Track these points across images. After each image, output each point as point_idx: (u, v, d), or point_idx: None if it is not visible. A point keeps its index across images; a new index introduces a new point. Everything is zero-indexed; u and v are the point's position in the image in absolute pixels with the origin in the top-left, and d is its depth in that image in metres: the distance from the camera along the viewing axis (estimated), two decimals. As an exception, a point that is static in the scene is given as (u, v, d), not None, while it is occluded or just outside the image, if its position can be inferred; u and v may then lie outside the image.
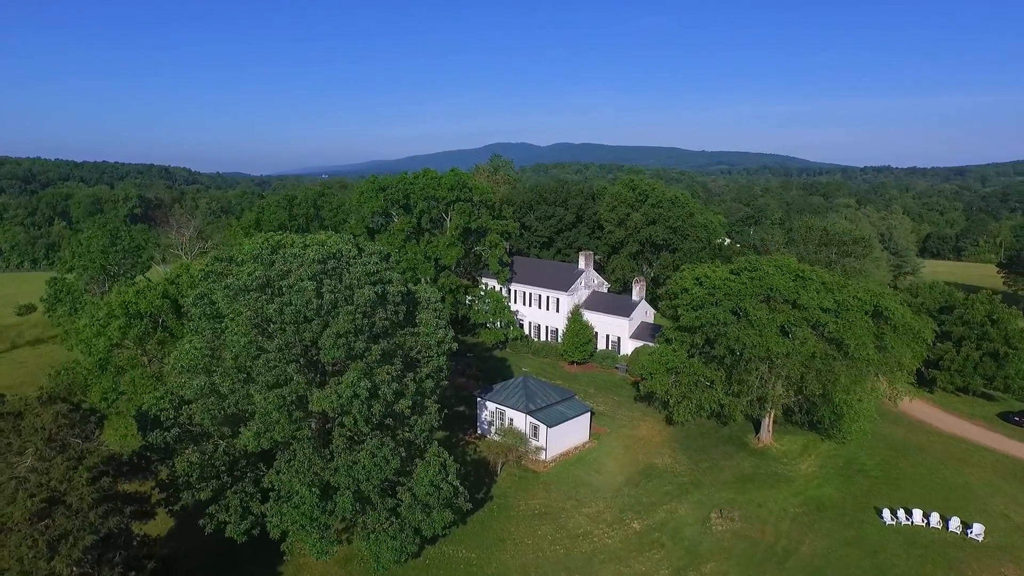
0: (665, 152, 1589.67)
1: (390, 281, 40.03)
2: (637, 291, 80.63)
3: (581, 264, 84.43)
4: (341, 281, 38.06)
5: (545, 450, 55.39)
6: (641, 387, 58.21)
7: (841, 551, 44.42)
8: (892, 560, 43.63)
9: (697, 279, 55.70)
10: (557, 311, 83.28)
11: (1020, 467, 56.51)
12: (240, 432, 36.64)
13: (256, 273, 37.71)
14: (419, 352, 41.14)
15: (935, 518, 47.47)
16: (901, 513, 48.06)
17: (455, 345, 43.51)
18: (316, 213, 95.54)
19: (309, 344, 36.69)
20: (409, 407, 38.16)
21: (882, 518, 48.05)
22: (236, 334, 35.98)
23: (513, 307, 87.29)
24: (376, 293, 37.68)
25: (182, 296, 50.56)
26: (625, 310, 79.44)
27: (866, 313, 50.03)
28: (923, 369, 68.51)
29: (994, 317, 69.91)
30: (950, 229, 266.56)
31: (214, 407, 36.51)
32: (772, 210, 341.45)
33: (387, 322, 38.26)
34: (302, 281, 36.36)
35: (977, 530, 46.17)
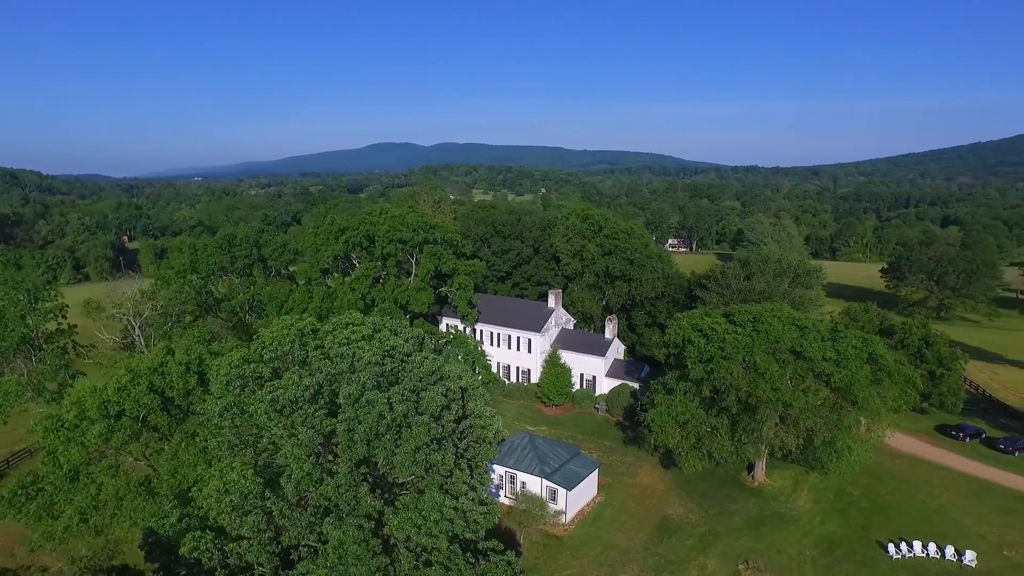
0: (550, 152, 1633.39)
1: (448, 376, 37.39)
2: (610, 329, 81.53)
3: (551, 302, 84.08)
4: (400, 382, 35.07)
5: (565, 513, 54.51)
6: (653, 440, 58.68)
7: (869, 595, 47.21)
8: (911, 597, 46.98)
9: (701, 331, 56.93)
10: (528, 351, 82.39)
11: (976, 485, 62.81)
12: (296, 567, 32.65)
13: (306, 381, 33.86)
14: (475, 447, 38.80)
15: (932, 548, 51.71)
16: (904, 546, 51.87)
17: (505, 432, 41.57)
18: (258, 253, 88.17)
19: (380, 461, 33.49)
20: (483, 514, 35.83)
21: (887, 552, 51.65)
22: (295, 458, 32.01)
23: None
24: (443, 395, 35.06)
25: (171, 388, 44.62)
26: (600, 349, 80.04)
27: (864, 362, 53.53)
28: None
29: (929, 340, 77.34)
30: (824, 231, 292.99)
31: (270, 544, 32.25)
32: (668, 214, 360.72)
33: (453, 424, 35.71)
34: (368, 391, 33.05)
35: (969, 557, 50.74)
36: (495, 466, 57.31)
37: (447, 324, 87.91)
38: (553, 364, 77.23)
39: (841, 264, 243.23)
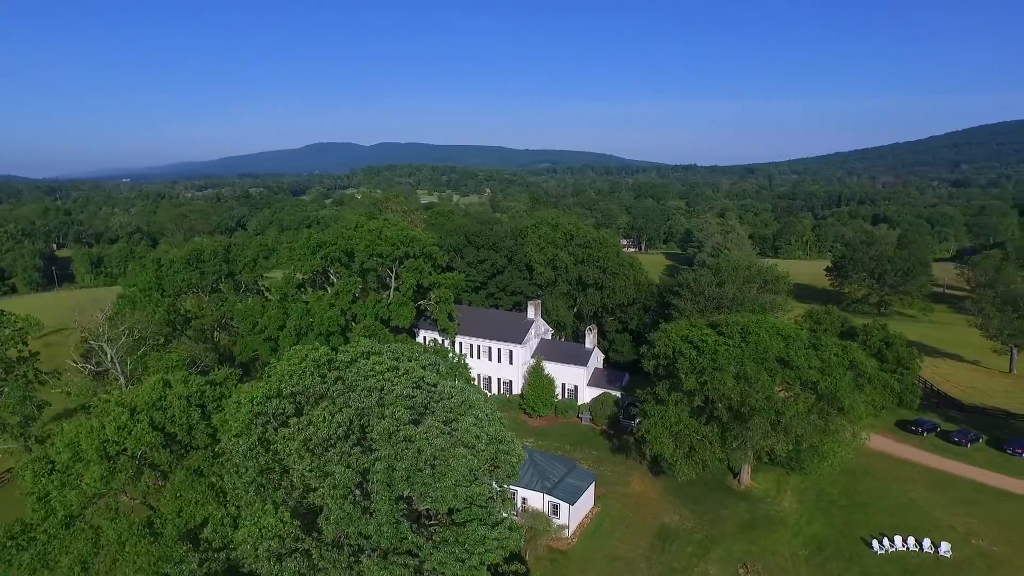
0: (492, 151, 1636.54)
1: (476, 404, 37.44)
2: (590, 339, 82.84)
3: (530, 313, 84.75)
4: (431, 412, 34.94)
5: (568, 527, 55.29)
6: (648, 451, 60.14)
7: (862, 591, 49.97)
8: (898, 591, 50.01)
9: (692, 342, 58.70)
10: (510, 363, 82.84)
11: (939, 478, 67.18)
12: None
13: (337, 418, 33.29)
14: (501, 472, 39.00)
15: (912, 541, 55.14)
16: (886, 541, 55.13)
17: (524, 455, 41.90)
18: (227, 269, 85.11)
19: (416, 495, 33.28)
20: (516, 540, 36.10)
21: (872, 548, 54.77)
22: (333, 498, 31.45)
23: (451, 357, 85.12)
24: (475, 424, 35.14)
25: (172, 423, 42.83)
26: (581, 359, 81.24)
27: (846, 369, 56.53)
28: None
29: (888, 341, 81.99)
30: (766, 229, 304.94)
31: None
32: (616, 215, 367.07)
33: (486, 453, 35.83)
34: (403, 425, 32.77)
35: (944, 548, 54.42)
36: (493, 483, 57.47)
37: (424, 337, 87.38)
38: (537, 375, 77.94)
39: (785, 262, 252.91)
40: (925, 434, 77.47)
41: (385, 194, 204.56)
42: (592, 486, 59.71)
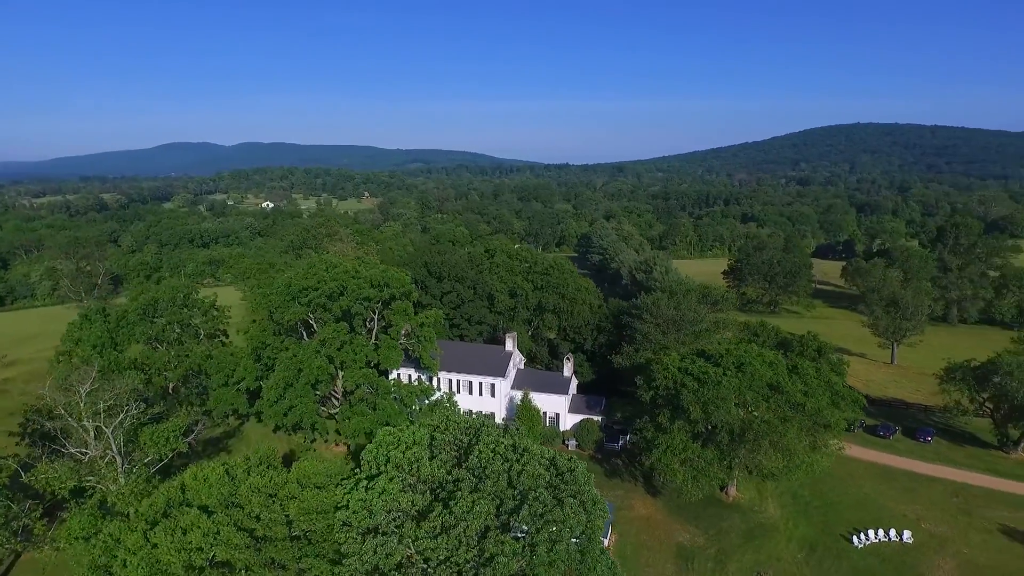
0: (362, 151, 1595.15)
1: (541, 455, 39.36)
2: (568, 367, 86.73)
3: (508, 345, 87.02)
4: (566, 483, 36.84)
5: (602, 560, 58.77)
6: (659, 479, 64.97)
7: (859, 584, 58.13)
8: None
9: (691, 374, 64.28)
10: (492, 396, 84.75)
11: (879, 470, 78.40)
12: None
13: (479, 508, 34.32)
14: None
15: (881, 533, 64.57)
16: (863, 536, 64.11)
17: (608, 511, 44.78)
18: (186, 316, 79.09)
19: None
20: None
21: (853, 543, 63.50)
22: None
23: (437, 395, 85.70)
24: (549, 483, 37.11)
25: (255, 521, 40.88)
26: (561, 387, 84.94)
27: (825, 389, 64.78)
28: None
29: (821, 349, 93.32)
30: (651, 230, 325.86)
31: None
32: (510, 220, 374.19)
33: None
34: (550, 510, 34.51)
35: (907, 535, 64.37)
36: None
37: (400, 373, 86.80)
38: (526, 407, 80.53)
39: (680, 263, 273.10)
40: (856, 430, 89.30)
41: (321, 218, 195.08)
42: (612, 515, 63.62)
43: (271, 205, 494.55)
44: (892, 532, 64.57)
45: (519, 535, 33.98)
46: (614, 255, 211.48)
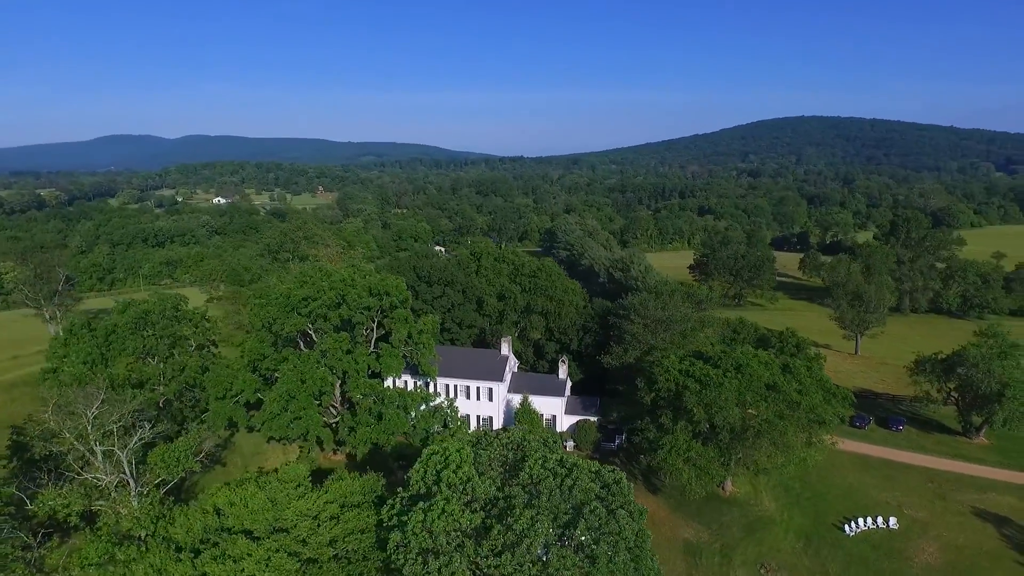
0: (313, 144, 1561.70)
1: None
2: (563, 370, 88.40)
3: (503, 350, 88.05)
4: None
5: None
6: (663, 477, 67.40)
7: (858, 568, 61.80)
8: (877, 562, 62.71)
9: (693, 376, 66.84)
10: (490, 400, 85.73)
11: (859, 460, 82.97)
12: None
13: (539, 527, 35.49)
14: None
15: (870, 521, 68.70)
16: (853, 524, 68.09)
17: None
18: (177, 329, 77.05)
19: None
20: None
21: (845, 531, 67.40)
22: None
23: (437, 400, 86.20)
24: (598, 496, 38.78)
25: (312, 549, 40.90)
26: (558, 390, 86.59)
27: (817, 387, 68.30)
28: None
29: (799, 345, 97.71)
30: (612, 224, 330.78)
31: None
32: (472, 215, 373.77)
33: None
34: (605, 522, 35.93)
35: (893, 522, 68.69)
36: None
37: (393, 379, 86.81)
38: (527, 411, 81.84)
39: (651, 256, 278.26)
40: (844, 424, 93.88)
41: (298, 221, 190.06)
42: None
43: (223, 201, 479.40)
44: (879, 519, 68.75)
45: (576, 549, 35.33)
46: (583, 251, 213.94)
